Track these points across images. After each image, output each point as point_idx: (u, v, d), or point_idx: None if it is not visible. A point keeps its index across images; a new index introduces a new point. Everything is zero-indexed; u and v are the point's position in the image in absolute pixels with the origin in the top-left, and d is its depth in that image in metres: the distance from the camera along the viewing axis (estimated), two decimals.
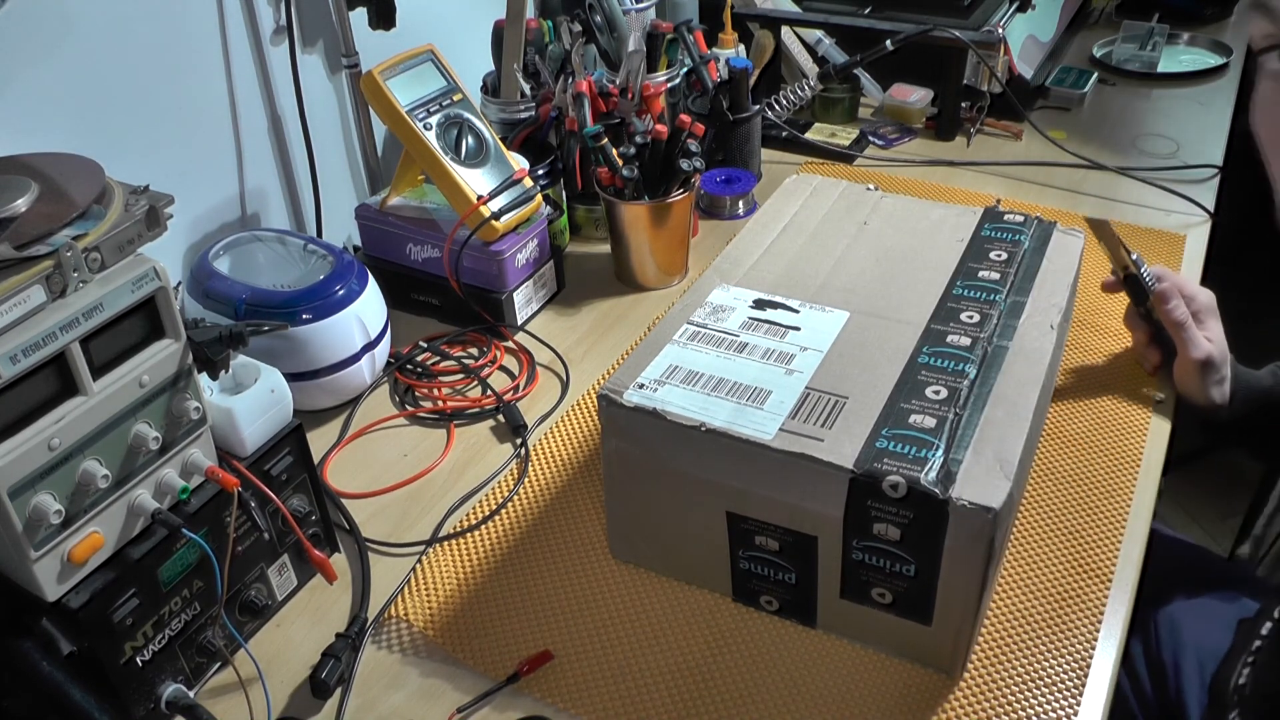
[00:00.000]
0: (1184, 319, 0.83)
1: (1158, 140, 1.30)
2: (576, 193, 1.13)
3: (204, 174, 0.99)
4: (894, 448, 0.60)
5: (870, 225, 0.84)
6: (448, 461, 0.87)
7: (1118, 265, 0.88)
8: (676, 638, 0.70)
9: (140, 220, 0.56)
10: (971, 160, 1.27)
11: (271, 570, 0.72)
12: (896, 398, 0.65)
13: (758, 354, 0.70)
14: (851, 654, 0.68)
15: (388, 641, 0.71)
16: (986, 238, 0.81)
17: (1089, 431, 0.85)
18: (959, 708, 0.64)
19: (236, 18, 0.97)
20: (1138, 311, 0.88)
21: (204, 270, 0.89)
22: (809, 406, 0.64)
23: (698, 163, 1.01)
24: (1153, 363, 0.89)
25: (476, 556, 0.77)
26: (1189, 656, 0.89)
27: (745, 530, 0.66)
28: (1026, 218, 0.83)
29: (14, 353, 0.51)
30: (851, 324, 0.72)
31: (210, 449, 0.65)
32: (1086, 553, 0.74)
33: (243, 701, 0.67)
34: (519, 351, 0.99)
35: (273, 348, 0.83)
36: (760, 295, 0.76)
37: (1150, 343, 0.88)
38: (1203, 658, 0.89)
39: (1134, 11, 1.62)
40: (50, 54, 0.81)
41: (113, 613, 0.59)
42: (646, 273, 1.07)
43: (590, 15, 1.17)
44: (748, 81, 1.18)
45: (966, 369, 0.67)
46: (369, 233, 1.04)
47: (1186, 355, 0.84)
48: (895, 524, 0.60)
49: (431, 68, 0.99)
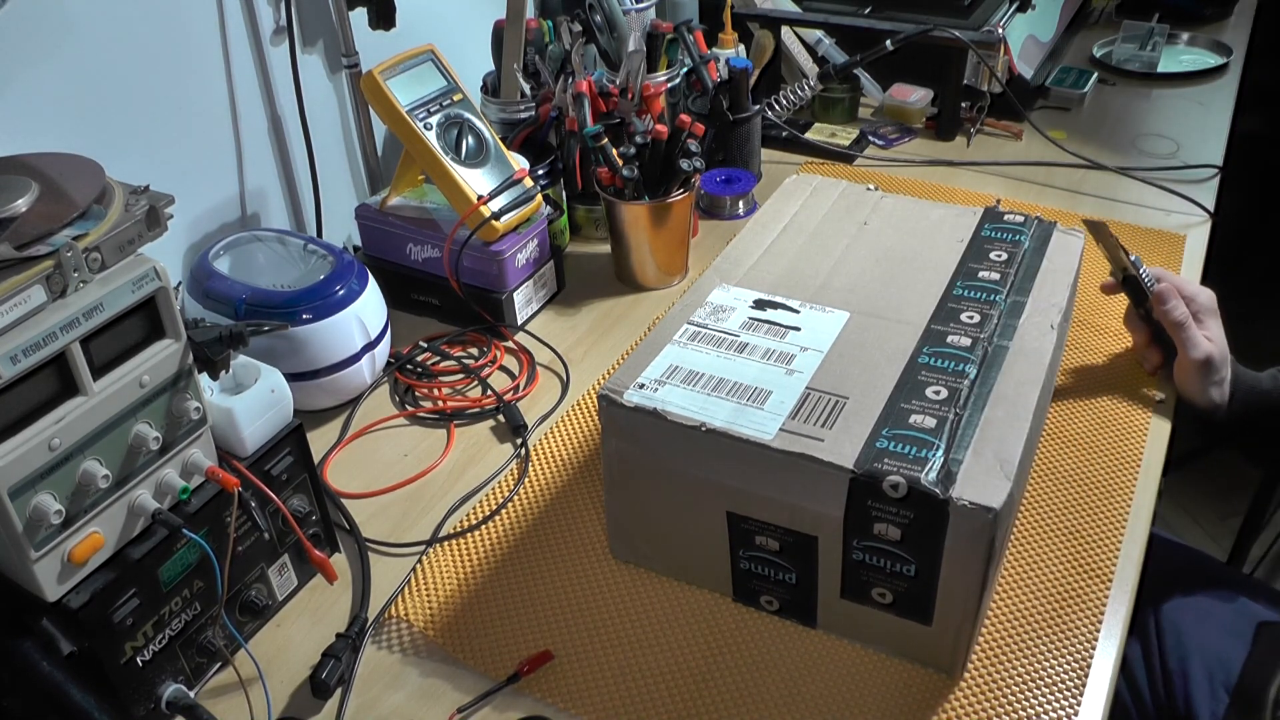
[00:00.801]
0: (1183, 319, 0.83)
1: (1158, 140, 1.30)
2: (576, 193, 1.13)
3: (204, 174, 0.99)
4: (894, 448, 0.60)
5: (870, 225, 0.84)
6: (448, 461, 0.87)
7: (1116, 267, 0.88)
8: (676, 638, 0.70)
9: (140, 220, 0.56)
10: (971, 160, 1.27)
11: (272, 570, 0.72)
12: (897, 398, 0.65)
13: (758, 354, 0.70)
14: (851, 654, 0.68)
15: (388, 641, 0.71)
16: (986, 238, 0.81)
17: (1089, 431, 0.85)
18: (959, 708, 0.64)
19: (236, 18, 0.97)
20: (1137, 312, 0.88)
21: (204, 270, 0.89)
22: (809, 407, 0.64)
23: (698, 163, 1.01)
24: (1153, 363, 0.89)
25: (476, 557, 0.77)
26: (1196, 664, 0.89)
27: (745, 530, 0.66)
28: (1026, 218, 0.83)
29: (14, 353, 0.51)
30: (851, 324, 0.72)
31: (210, 449, 0.65)
32: (1086, 553, 0.74)
33: (243, 701, 0.67)
34: (519, 351, 0.99)
35: (273, 348, 0.83)
36: (760, 295, 0.76)
37: (1150, 343, 0.88)
38: (1209, 664, 0.88)
39: (1134, 11, 1.62)
40: (50, 54, 0.81)
41: (113, 613, 0.59)
42: (646, 273, 1.07)
43: (590, 15, 1.17)
44: (748, 81, 1.18)
45: (967, 369, 0.67)
46: (369, 233, 1.04)
47: (1186, 355, 0.84)
48: (895, 524, 0.60)
49: (431, 68, 0.99)
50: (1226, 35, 1.59)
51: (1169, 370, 0.87)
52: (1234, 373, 0.86)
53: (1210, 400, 0.85)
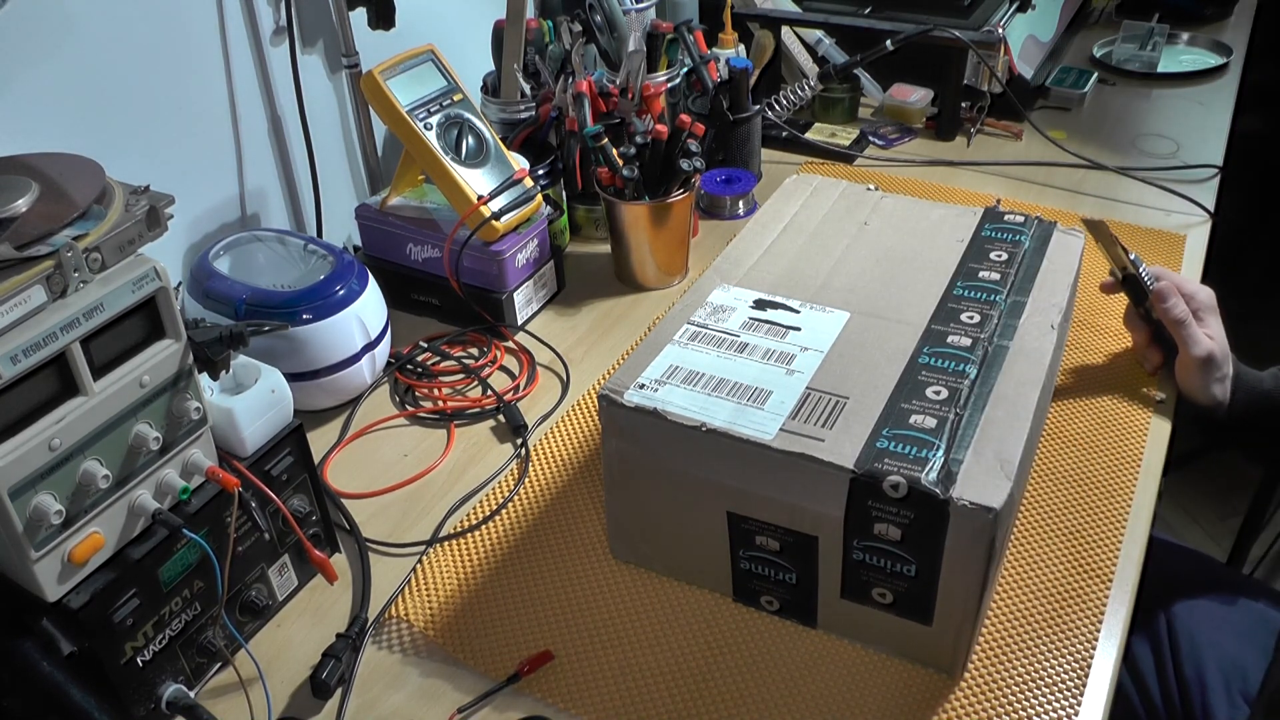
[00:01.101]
0: (1184, 316, 0.83)
1: (1158, 140, 1.30)
2: (576, 193, 1.13)
3: (204, 174, 0.99)
4: (894, 448, 0.60)
5: (870, 225, 0.84)
6: (448, 461, 0.87)
7: (1116, 265, 0.88)
8: (677, 638, 0.70)
9: (141, 220, 0.56)
10: (971, 160, 1.27)
11: (272, 570, 0.72)
12: (897, 398, 0.65)
13: (758, 354, 0.70)
14: (852, 654, 0.68)
15: (388, 642, 0.71)
16: (987, 238, 0.81)
17: (1089, 431, 0.85)
18: (959, 708, 0.64)
19: (236, 18, 0.97)
20: (1137, 312, 0.88)
21: (204, 270, 0.89)
22: (809, 406, 0.64)
23: (698, 163, 1.01)
24: (1154, 363, 0.89)
25: (477, 557, 0.77)
26: (1212, 671, 0.89)
27: (746, 530, 0.66)
28: (1027, 218, 0.83)
29: (14, 353, 0.51)
30: (852, 324, 0.72)
31: (211, 449, 0.65)
32: (1087, 553, 0.74)
33: (243, 702, 0.67)
34: (519, 351, 0.99)
35: (273, 348, 0.83)
36: (761, 295, 0.76)
37: (1150, 343, 0.88)
38: (1226, 671, 0.88)
39: (1134, 11, 1.62)
40: (50, 54, 0.81)
41: (113, 613, 0.59)
42: (646, 273, 1.07)
43: (590, 15, 1.17)
44: (748, 81, 1.18)
45: (967, 369, 0.67)
46: (369, 233, 1.03)
47: (1187, 353, 0.84)
48: (896, 524, 0.60)
49: (432, 68, 0.99)
50: (1226, 35, 1.59)
51: (1169, 370, 0.87)
52: (1235, 371, 0.86)
53: (1212, 397, 0.85)
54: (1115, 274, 0.89)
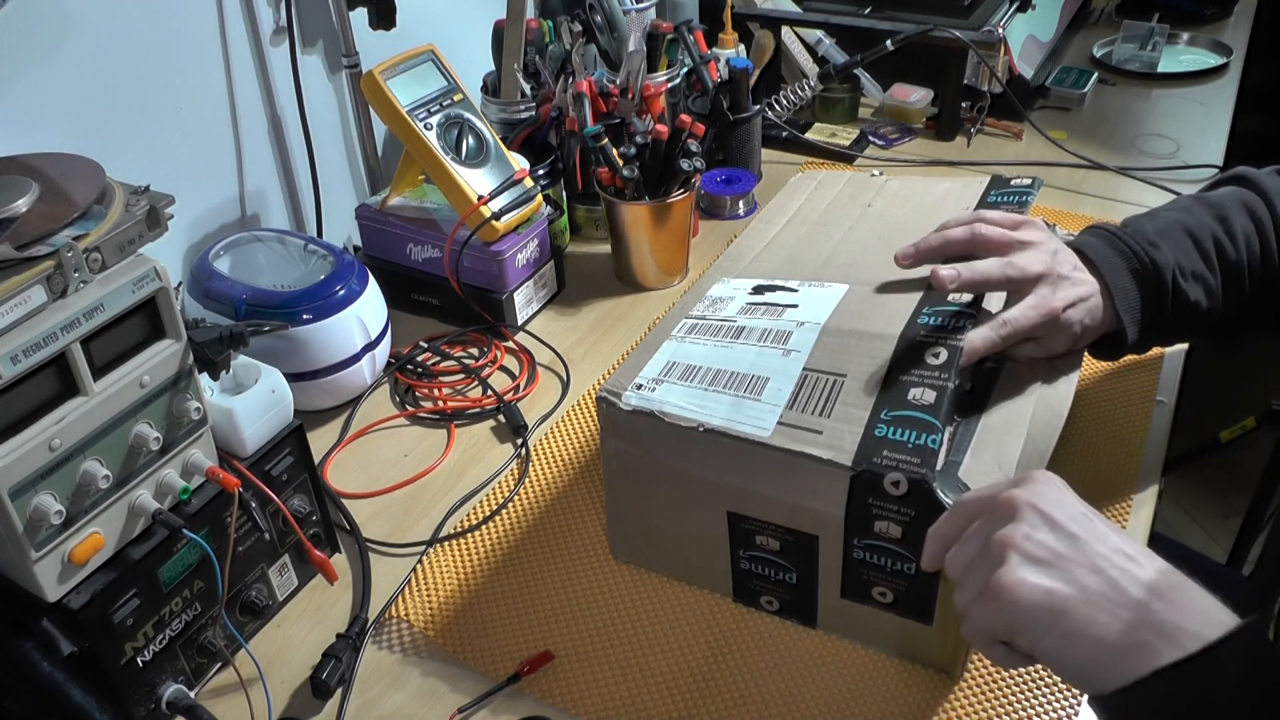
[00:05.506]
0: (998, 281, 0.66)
1: (1158, 140, 1.30)
2: (576, 193, 1.13)
3: (204, 174, 0.99)
4: (894, 435, 0.60)
5: (874, 207, 0.83)
6: (448, 462, 0.87)
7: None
8: (677, 638, 0.70)
9: (141, 220, 0.56)
10: (971, 160, 1.27)
11: (272, 570, 0.72)
12: (896, 369, 0.63)
13: (754, 337, 0.69)
14: (852, 654, 0.68)
15: (388, 642, 0.71)
16: (993, 204, 0.80)
17: (1089, 431, 0.85)
18: (959, 708, 0.64)
19: (236, 18, 0.97)
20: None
21: (204, 270, 0.89)
22: (806, 391, 0.64)
23: (698, 163, 1.01)
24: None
25: (477, 557, 0.77)
26: None
27: (746, 530, 0.66)
28: (1034, 180, 0.82)
29: (15, 353, 0.51)
30: (850, 295, 0.71)
31: (211, 449, 0.65)
32: None
33: (243, 702, 0.67)
34: (519, 352, 0.99)
35: (273, 348, 0.83)
36: (760, 282, 0.75)
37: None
38: None
39: (1134, 11, 1.62)
40: (50, 54, 0.81)
41: (113, 613, 0.59)
42: (647, 273, 1.07)
43: (590, 15, 1.17)
44: (748, 81, 1.18)
45: (965, 324, 0.65)
46: (369, 233, 1.04)
47: (1043, 309, 0.66)
48: (896, 521, 0.60)
49: (432, 68, 0.99)
50: (1226, 35, 1.59)
51: (1100, 353, 0.73)
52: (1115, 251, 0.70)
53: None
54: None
